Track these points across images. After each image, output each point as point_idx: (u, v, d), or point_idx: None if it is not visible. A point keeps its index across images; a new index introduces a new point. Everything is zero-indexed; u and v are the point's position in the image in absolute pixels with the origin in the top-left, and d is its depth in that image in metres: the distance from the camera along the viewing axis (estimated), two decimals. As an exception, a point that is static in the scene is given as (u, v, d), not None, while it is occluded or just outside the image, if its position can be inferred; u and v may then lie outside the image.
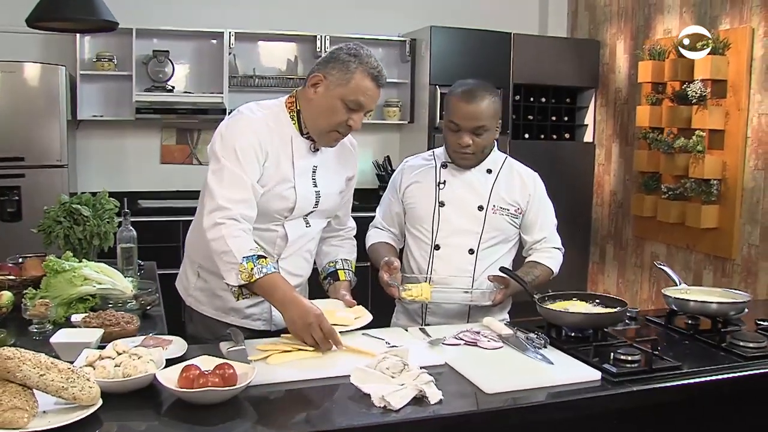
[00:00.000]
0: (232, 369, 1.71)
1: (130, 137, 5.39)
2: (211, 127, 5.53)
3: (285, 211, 2.26)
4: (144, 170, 5.40)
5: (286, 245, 2.32)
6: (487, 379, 1.81)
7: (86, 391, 1.56)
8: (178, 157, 5.52)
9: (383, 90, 2.26)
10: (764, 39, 4.24)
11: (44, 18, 2.84)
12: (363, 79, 2.15)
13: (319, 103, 2.19)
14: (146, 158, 5.43)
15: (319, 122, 2.21)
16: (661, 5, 5.10)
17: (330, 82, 2.16)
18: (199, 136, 5.55)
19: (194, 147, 5.55)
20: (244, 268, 2.01)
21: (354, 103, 2.16)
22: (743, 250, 4.47)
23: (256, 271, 2.01)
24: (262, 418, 1.67)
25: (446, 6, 5.82)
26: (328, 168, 2.34)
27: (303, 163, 2.27)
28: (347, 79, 2.14)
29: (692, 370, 1.94)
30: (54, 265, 2.34)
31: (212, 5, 5.32)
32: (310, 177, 2.29)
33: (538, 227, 2.51)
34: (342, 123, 2.19)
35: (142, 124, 5.29)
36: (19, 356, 1.55)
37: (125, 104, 5.18)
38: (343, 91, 2.15)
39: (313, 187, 2.29)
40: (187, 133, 5.52)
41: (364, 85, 2.15)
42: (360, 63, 2.15)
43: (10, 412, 1.47)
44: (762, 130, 4.29)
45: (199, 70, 5.44)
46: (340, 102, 2.16)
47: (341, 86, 2.15)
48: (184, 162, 5.52)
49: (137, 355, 1.75)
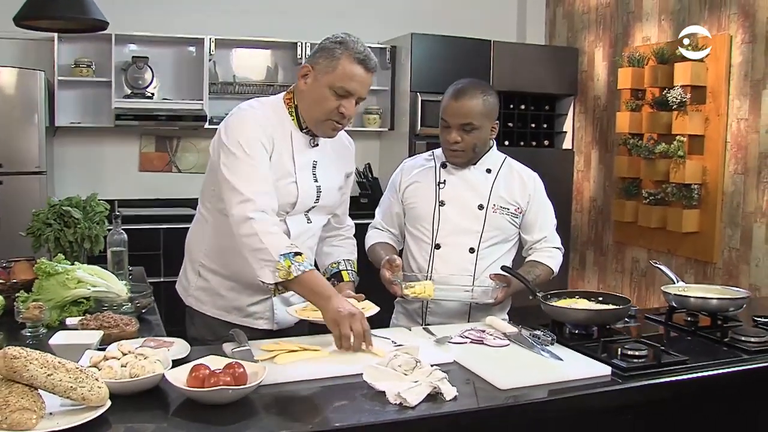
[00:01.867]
0: (242, 368, 1.67)
1: (108, 144, 5.30)
2: (190, 134, 5.49)
3: (287, 206, 2.24)
4: (122, 178, 5.32)
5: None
6: (499, 376, 1.79)
7: (95, 391, 1.51)
8: (157, 164, 5.44)
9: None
10: (742, 46, 4.33)
11: (32, 16, 2.77)
12: (349, 65, 2.13)
13: (309, 94, 2.19)
14: (125, 166, 5.35)
15: (313, 112, 2.20)
16: (639, 13, 5.18)
17: (317, 71, 2.16)
18: (178, 143, 5.48)
19: (173, 155, 5.48)
20: (281, 266, 1.97)
21: (342, 90, 2.13)
22: (724, 254, 4.54)
23: (294, 269, 1.97)
24: (275, 418, 1.63)
25: (426, 13, 5.85)
26: (327, 163, 2.33)
27: (303, 158, 2.26)
28: (333, 66, 2.13)
29: (699, 363, 1.95)
30: (46, 268, 2.28)
31: (192, 12, 5.27)
32: (311, 171, 2.28)
33: (538, 227, 2.52)
34: (333, 110, 2.16)
35: (120, 131, 5.22)
36: (26, 355, 1.49)
37: (103, 111, 5.11)
38: (331, 78, 2.13)
39: (314, 182, 2.28)
40: (166, 141, 5.45)
41: (350, 70, 2.13)
42: (345, 48, 2.14)
43: (18, 413, 1.41)
44: (741, 135, 4.36)
45: (179, 77, 5.38)
46: (328, 90, 2.14)
47: (328, 74, 2.13)
48: (163, 170, 5.45)
49: (143, 355, 1.71)
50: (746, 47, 4.30)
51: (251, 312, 2.34)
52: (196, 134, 5.47)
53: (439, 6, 5.94)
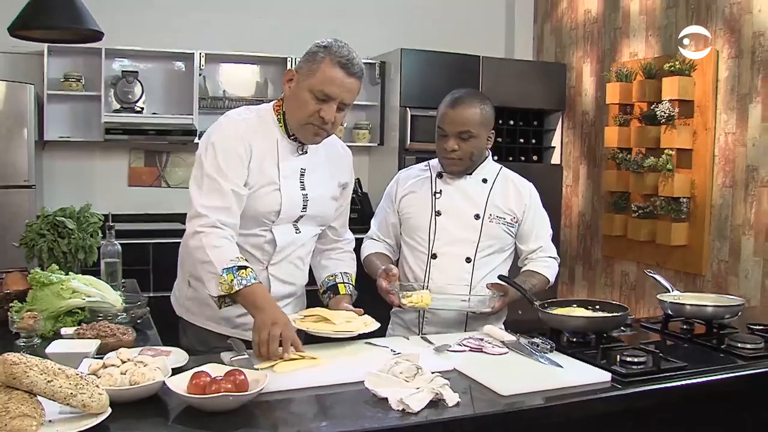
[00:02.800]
0: (243, 375, 1.66)
1: (97, 159, 5.28)
2: (179, 149, 5.47)
3: (271, 215, 2.23)
4: (112, 193, 5.28)
5: (275, 251, 2.28)
6: (501, 382, 1.79)
7: (95, 398, 1.49)
8: (147, 179, 5.42)
9: (353, 112, 2.24)
10: (728, 61, 4.39)
11: (28, 26, 2.76)
12: (330, 68, 2.11)
13: (291, 97, 2.19)
14: (114, 180, 5.32)
15: (294, 116, 2.19)
16: (626, 29, 5.25)
17: (300, 75, 2.16)
18: (167, 158, 5.46)
19: (162, 169, 5.46)
20: (224, 280, 2.00)
21: (321, 93, 2.12)
22: (713, 266, 4.57)
23: (236, 283, 1.99)
24: (276, 425, 1.63)
25: (416, 29, 5.89)
26: (317, 171, 2.31)
27: (289, 165, 2.25)
28: (314, 69, 2.12)
29: (698, 369, 1.96)
30: (40, 278, 2.26)
31: (182, 26, 5.27)
32: (298, 179, 2.27)
33: (534, 237, 2.53)
34: (313, 114, 2.14)
35: (109, 145, 5.20)
36: (26, 362, 1.47)
37: (92, 125, 5.09)
38: (311, 82, 2.12)
39: (300, 190, 2.26)
40: (155, 156, 5.43)
41: (331, 73, 2.11)
42: (328, 53, 2.13)
43: (18, 420, 1.39)
44: (728, 148, 4.41)
45: (168, 92, 5.38)
46: (308, 93, 2.13)
47: (309, 77, 2.13)
48: (152, 184, 5.43)
49: (143, 363, 1.69)
50: (732, 62, 4.36)
51: (239, 323, 2.31)
52: (185, 149, 5.46)
53: (429, 21, 5.98)
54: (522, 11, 6.31)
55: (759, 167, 4.22)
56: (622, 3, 5.28)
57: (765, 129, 4.17)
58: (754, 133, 4.24)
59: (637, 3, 5.13)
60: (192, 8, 5.29)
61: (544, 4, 6.21)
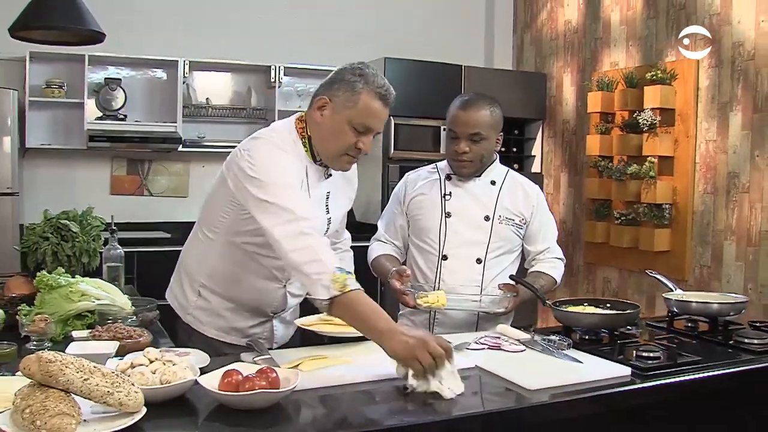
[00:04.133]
0: (275, 373, 1.65)
1: (79, 167, 5.20)
2: (162, 157, 5.42)
3: None
4: (93, 201, 5.13)
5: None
6: (526, 377, 1.81)
7: (132, 396, 1.47)
8: (129, 187, 5.36)
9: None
10: (709, 70, 4.51)
11: (30, 26, 2.72)
12: (370, 100, 2.06)
13: (326, 127, 2.10)
14: (96, 188, 5.24)
15: (329, 146, 2.12)
16: (607, 39, 5.35)
17: (336, 104, 2.08)
18: (150, 166, 5.41)
19: (145, 178, 5.40)
20: (338, 277, 1.84)
21: (362, 126, 2.07)
22: (695, 271, 4.66)
23: (351, 283, 1.84)
24: (310, 422, 1.62)
25: (397, 38, 5.92)
26: (337, 192, 2.30)
27: (317, 191, 2.20)
28: (354, 101, 2.05)
29: (713, 363, 2.01)
30: (49, 281, 2.23)
31: (166, 34, 5.24)
32: (324, 204, 2.24)
33: (541, 238, 2.57)
34: (351, 146, 2.09)
35: (91, 153, 5.13)
36: (61, 359, 1.45)
37: (74, 133, 5.02)
38: (351, 114, 2.06)
39: (325, 215, 2.25)
40: (138, 164, 5.37)
41: (372, 106, 2.06)
42: (366, 83, 2.06)
43: (58, 418, 1.37)
44: (709, 155, 4.52)
45: (151, 99, 5.33)
46: (347, 125, 2.07)
47: (348, 108, 2.06)
48: (134, 193, 5.37)
49: (171, 362, 1.67)
50: (713, 71, 4.48)
51: (251, 333, 2.30)
52: (168, 157, 5.42)
53: (411, 31, 6.03)
54: (501, 22, 6.40)
55: (740, 174, 4.33)
56: (603, 14, 5.39)
57: (745, 137, 4.28)
58: (734, 140, 4.35)
59: (618, 13, 5.25)
60: (175, 16, 5.26)
61: (523, 15, 6.31)
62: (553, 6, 5.93)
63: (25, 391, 1.44)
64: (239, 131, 5.57)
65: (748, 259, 4.29)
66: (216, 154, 5.47)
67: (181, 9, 5.32)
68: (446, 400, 1.63)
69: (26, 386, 1.46)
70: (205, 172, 5.54)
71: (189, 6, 5.34)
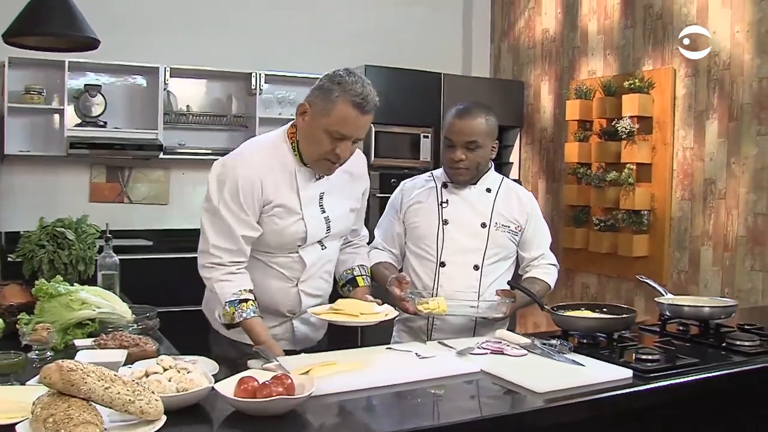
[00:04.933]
0: (290, 379, 1.67)
1: (57, 174, 5.14)
2: (142, 164, 5.38)
3: (297, 242, 2.28)
4: (72, 208, 5.03)
5: (304, 270, 2.32)
6: (534, 380, 1.85)
7: (153, 404, 1.48)
8: (109, 195, 5.30)
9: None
10: (686, 79, 4.62)
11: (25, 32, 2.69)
12: (345, 108, 2.11)
13: (306, 133, 2.19)
14: (75, 196, 5.17)
15: (309, 151, 2.21)
16: (585, 48, 5.45)
17: (314, 111, 2.15)
18: (130, 173, 5.36)
19: (125, 185, 5.35)
20: (226, 312, 2.18)
21: (337, 133, 2.12)
22: (673, 276, 4.76)
23: (237, 316, 2.17)
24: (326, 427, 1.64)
25: (378, 46, 5.95)
26: (336, 191, 2.34)
27: (309, 193, 2.27)
28: (329, 109, 2.11)
29: (711, 365, 2.07)
30: (48, 289, 2.21)
31: (147, 40, 5.20)
32: (317, 204, 2.29)
33: (536, 244, 2.62)
34: (329, 152, 2.16)
35: (70, 160, 5.07)
36: (82, 368, 1.45)
37: (53, 139, 4.97)
38: (326, 121, 2.12)
39: (321, 214, 2.29)
40: (117, 171, 5.32)
41: (346, 114, 2.11)
42: (343, 91, 2.11)
43: (82, 427, 1.37)
44: (687, 163, 4.63)
45: (131, 106, 5.29)
46: (323, 132, 2.13)
47: (323, 116, 2.12)
48: (114, 200, 5.31)
49: (186, 369, 1.68)
50: (689, 80, 4.59)
51: (272, 335, 2.31)
52: (148, 164, 5.38)
53: (390, 39, 6.06)
54: (479, 30, 6.48)
55: (716, 181, 4.44)
56: (580, 23, 5.49)
57: (722, 144, 4.40)
58: (711, 148, 4.46)
59: (595, 23, 5.35)
60: (156, 23, 5.23)
61: (500, 24, 6.39)
62: (531, 15, 6.02)
63: (45, 400, 1.44)
64: (220, 138, 5.55)
65: (725, 264, 4.40)
66: (196, 162, 5.45)
67: (161, 15, 5.29)
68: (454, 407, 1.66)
69: (45, 395, 1.46)
70: (185, 180, 5.52)
71: (170, 12, 5.31)
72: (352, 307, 2.14)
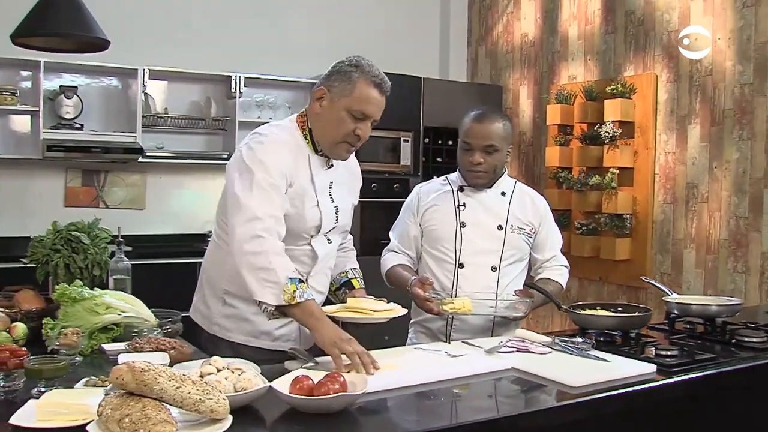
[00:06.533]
0: (342, 378, 1.75)
1: (31, 178, 5.11)
2: (118, 168, 5.38)
3: (311, 230, 2.34)
4: (47, 213, 4.99)
5: (315, 263, 2.38)
6: (568, 376, 1.97)
7: (221, 403, 1.54)
8: (84, 199, 5.29)
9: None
10: (667, 84, 4.83)
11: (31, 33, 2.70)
12: (366, 88, 2.25)
13: (325, 116, 2.29)
14: (49, 200, 5.15)
15: (328, 135, 2.30)
16: (565, 53, 5.64)
17: (333, 94, 2.26)
18: (105, 178, 5.35)
19: (101, 189, 5.34)
20: (287, 289, 2.04)
21: (359, 113, 2.25)
22: (656, 279, 4.94)
23: (298, 295, 2.05)
24: (382, 425, 1.73)
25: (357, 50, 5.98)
26: (340, 183, 2.45)
27: (321, 180, 2.36)
28: (350, 89, 2.24)
29: (729, 359, 2.23)
30: (71, 294, 2.24)
31: (125, 41, 5.17)
32: (328, 193, 2.39)
33: (548, 246, 2.75)
34: (350, 133, 2.27)
35: (44, 164, 5.04)
36: (154, 368, 1.51)
37: (27, 142, 4.95)
38: (348, 102, 2.24)
39: (331, 203, 2.39)
40: (93, 175, 5.31)
41: (367, 93, 2.25)
42: (362, 72, 2.26)
43: (161, 426, 1.43)
44: (669, 167, 4.84)
45: (107, 108, 5.29)
46: (345, 112, 2.25)
47: (345, 96, 2.24)
48: (89, 205, 5.29)
49: (240, 369, 1.75)
50: (671, 86, 4.81)
51: (279, 335, 2.40)
52: (125, 168, 5.38)
53: (368, 43, 6.14)
54: (456, 34, 6.63)
55: (699, 184, 4.66)
56: (561, 28, 5.68)
57: (704, 149, 4.61)
58: (693, 152, 4.68)
59: (576, 28, 5.55)
60: (135, 24, 5.23)
61: (478, 28, 6.56)
62: (510, 20, 6.20)
63: (115, 401, 1.49)
64: (198, 142, 5.59)
65: (708, 267, 4.61)
66: (174, 166, 5.47)
67: (140, 16, 5.29)
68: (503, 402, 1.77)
69: (114, 396, 1.52)
70: (162, 184, 5.53)
71: (148, 14, 5.33)
72: (366, 305, 2.21)
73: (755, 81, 4.30)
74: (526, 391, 1.95)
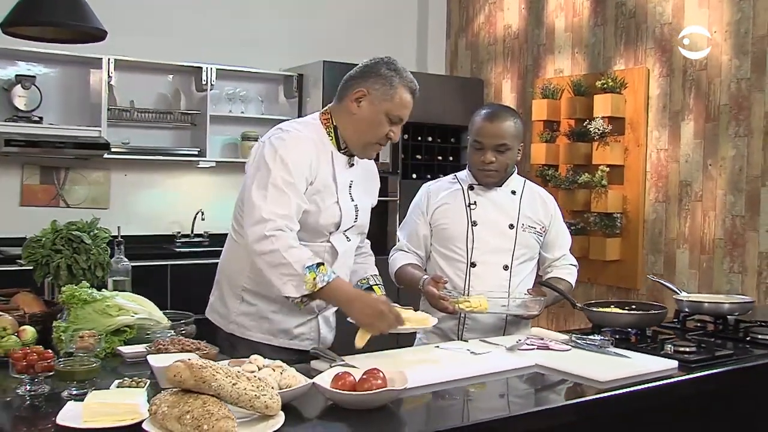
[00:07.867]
0: (381, 373, 1.91)
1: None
2: (80, 165, 5.42)
3: (331, 227, 2.52)
4: (1, 213, 5.13)
5: (335, 260, 2.54)
6: (595, 371, 2.16)
7: (275, 399, 1.69)
8: (42, 198, 5.32)
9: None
10: (660, 79, 5.10)
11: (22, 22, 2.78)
12: (404, 94, 2.49)
13: (363, 117, 2.49)
14: (4, 199, 5.18)
15: (363, 135, 2.52)
16: (551, 46, 5.88)
17: (374, 96, 2.47)
18: (66, 175, 5.39)
19: (61, 187, 5.38)
20: (307, 279, 2.25)
21: (397, 117, 2.50)
22: (648, 280, 5.21)
23: (319, 280, 2.25)
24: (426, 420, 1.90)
25: (332, 41, 6.17)
26: (360, 183, 2.63)
27: (343, 178, 2.55)
28: (391, 94, 2.47)
29: (747, 355, 2.46)
30: (81, 295, 2.35)
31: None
32: (348, 192, 2.57)
33: (558, 245, 2.96)
34: (384, 136, 2.51)
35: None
36: (211, 365, 1.65)
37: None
38: (389, 106, 2.47)
39: (351, 201, 2.57)
40: (53, 172, 5.35)
41: (405, 99, 2.50)
42: (401, 78, 2.50)
43: (224, 422, 1.56)
44: (661, 164, 5.10)
45: (67, 100, 5.33)
46: (384, 116, 2.48)
47: (386, 101, 2.47)
48: (49, 204, 5.33)
49: (281, 367, 1.89)
50: (664, 80, 5.07)
51: (297, 334, 2.57)
52: (87, 165, 5.43)
53: (344, 33, 6.30)
54: (434, 26, 6.82)
55: (692, 182, 4.93)
56: (547, 19, 5.91)
57: (698, 145, 4.89)
58: (687, 149, 4.95)
59: (563, 20, 5.78)
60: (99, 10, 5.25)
61: (458, 19, 6.75)
62: (492, 10, 6.41)
63: (171, 398, 1.63)
64: (166, 137, 5.67)
65: (702, 267, 4.88)
66: (140, 162, 5.54)
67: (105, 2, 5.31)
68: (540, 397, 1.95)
69: (168, 394, 1.65)
70: (128, 182, 5.60)
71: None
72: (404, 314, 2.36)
73: (752, 76, 4.58)
74: (555, 386, 2.14)
